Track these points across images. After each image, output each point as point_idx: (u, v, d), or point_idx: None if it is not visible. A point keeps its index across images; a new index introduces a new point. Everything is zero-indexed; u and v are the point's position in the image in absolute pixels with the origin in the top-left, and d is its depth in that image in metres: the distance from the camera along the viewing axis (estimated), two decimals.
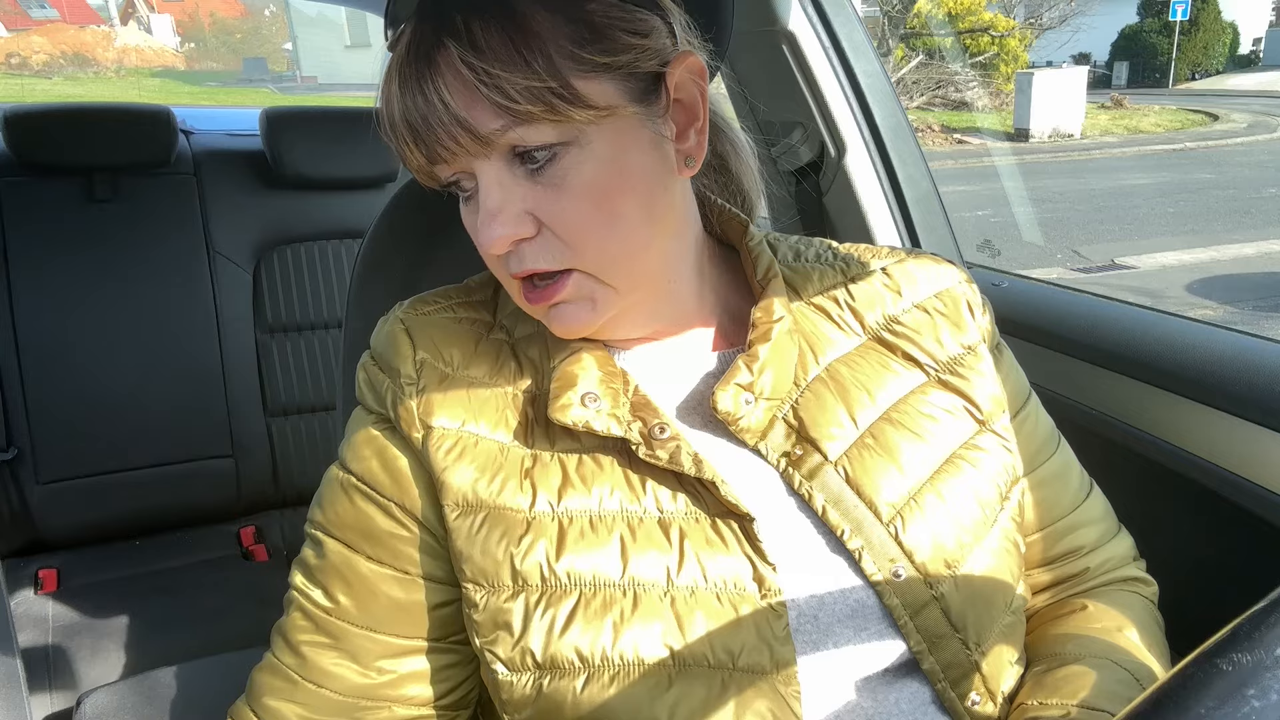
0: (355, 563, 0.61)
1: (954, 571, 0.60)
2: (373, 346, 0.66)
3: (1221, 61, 21.04)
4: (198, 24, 30.40)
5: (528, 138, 0.53)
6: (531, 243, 0.56)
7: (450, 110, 0.53)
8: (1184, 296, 5.51)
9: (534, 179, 0.55)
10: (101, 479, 1.74)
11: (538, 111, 0.52)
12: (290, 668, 0.62)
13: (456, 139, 0.53)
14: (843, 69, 1.21)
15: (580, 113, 0.53)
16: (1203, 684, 0.28)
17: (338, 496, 0.63)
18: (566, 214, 0.55)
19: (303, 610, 0.63)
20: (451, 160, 0.55)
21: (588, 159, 0.55)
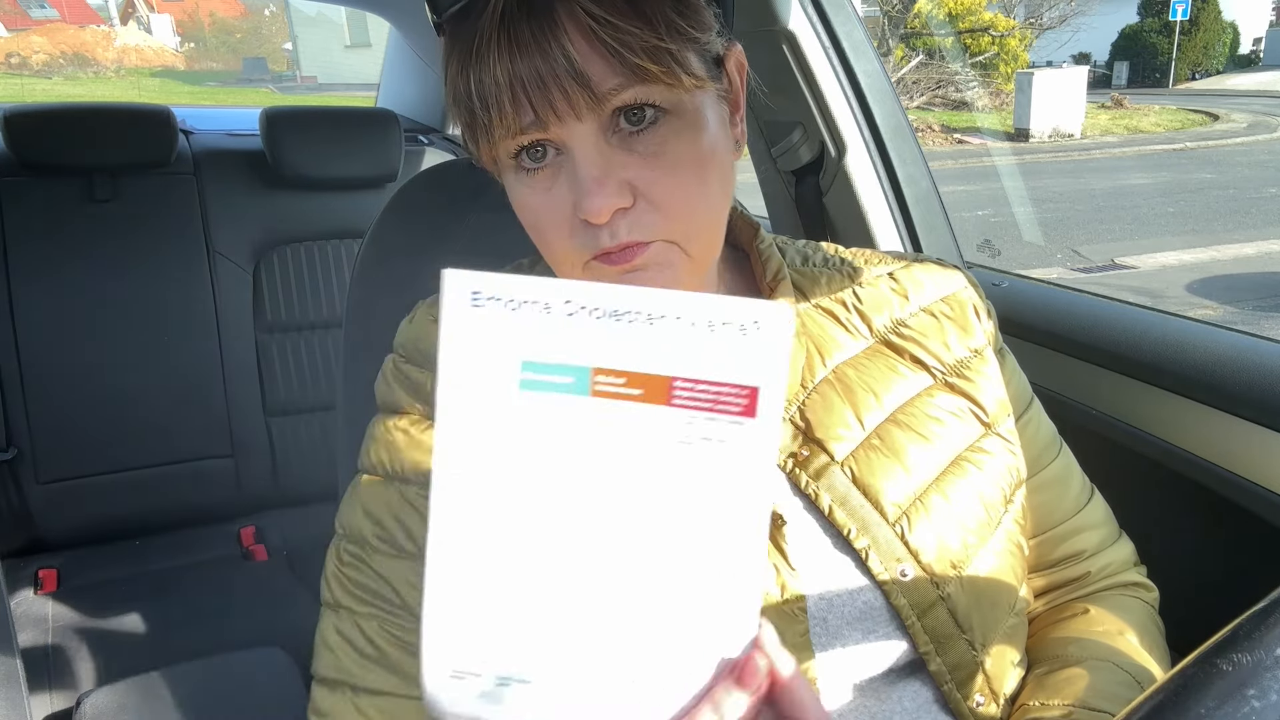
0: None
1: (960, 572, 0.60)
2: (402, 342, 0.65)
3: (1222, 61, 21.05)
4: (197, 24, 30.41)
5: (639, 98, 0.53)
6: (627, 214, 0.54)
7: (573, 65, 0.51)
8: (1184, 296, 5.51)
9: (629, 148, 0.54)
10: (101, 479, 1.74)
11: (657, 71, 0.52)
12: (378, 686, 0.59)
13: (570, 97, 0.51)
14: (843, 69, 1.21)
15: (688, 79, 0.53)
16: (1203, 684, 0.28)
17: (401, 513, 0.60)
18: (665, 182, 0.54)
19: (353, 641, 0.59)
20: (552, 124, 0.53)
21: (685, 128, 0.55)
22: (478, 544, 0.43)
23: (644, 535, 0.43)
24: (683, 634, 0.43)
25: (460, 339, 0.42)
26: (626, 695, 0.44)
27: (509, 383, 0.42)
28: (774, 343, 0.41)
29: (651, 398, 0.42)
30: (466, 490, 0.43)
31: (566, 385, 0.42)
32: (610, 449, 0.42)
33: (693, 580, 0.43)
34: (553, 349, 0.42)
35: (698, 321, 0.41)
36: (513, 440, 0.42)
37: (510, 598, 0.43)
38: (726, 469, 0.42)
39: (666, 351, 0.41)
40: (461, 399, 0.42)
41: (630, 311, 0.41)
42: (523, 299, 0.41)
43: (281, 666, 1.10)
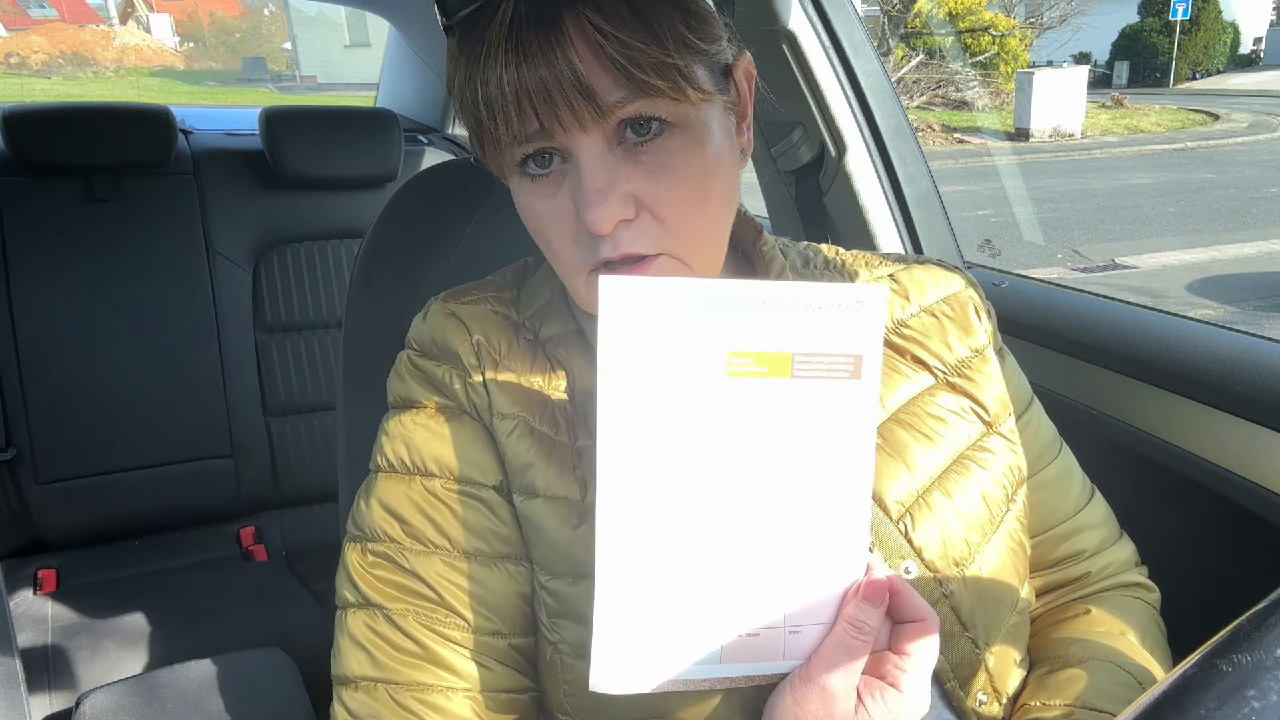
0: (455, 570, 0.59)
1: (963, 571, 0.60)
2: (417, 338, 0.65)
3: (1222, 61, 21.04)
4: (197, 23, 30.41)
5: (644, 111, 0.53)
6: (630, 225, 0.55)
7: (579, 78, 0.51)
8: (1184, 296, 5.50)
9: (634, 159, 0.54)
10: (101, 479, 1.74)
11: (663, 86, 0.52)
12: (406, 678, 0.58)
13: (575, 108, 0.52)
14: (843, 68, 1.21)
15: (694, 93, 0.54)
16: (1203, 684, 0.28)
17: (427, 508, 0.60)
18: (669, 196, 0.55)
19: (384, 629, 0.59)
20: (556, 134, 0.53)
21: (690, 141, 0.55)
22: (642, 524, 0.50)
23: (781, 490, 0.50)
24: (812, 572, 0.51)
25: (616, 339, 0.48)
26: (772, 636, 0.51)
27: (656, 375, 0.49)
28: (874, 317, 0.49)
29: (776, 372, 0.49)
30: (629, 473, 0.49)
31: (704, 370, 0.49)
32: (746, 420, 0.49)
33: (821, 522, 0.51)
34: (692, 340, 0.49)
35: (812, 305, 0.49)
36: (668, 424, 0.49)
37: (673, 566, 0.50)
38: (841, 423, 0.50)
39: (786, 333, 0.49)
40: (619, 399, 0.49)
41: (756, 301, 0.49)
42: (667, 297, 0.48)
43: (281, 666, 1.10)
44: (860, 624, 0.50)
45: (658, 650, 0.50)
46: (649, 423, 0.49)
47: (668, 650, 0.50)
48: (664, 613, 0.50)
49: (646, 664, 0.50)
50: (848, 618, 0.50)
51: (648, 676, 0.51)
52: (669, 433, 0.49)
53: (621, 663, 0.50)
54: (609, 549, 0.49)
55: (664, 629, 0.50)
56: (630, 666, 0.50)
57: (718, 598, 0.50)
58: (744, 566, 0.50)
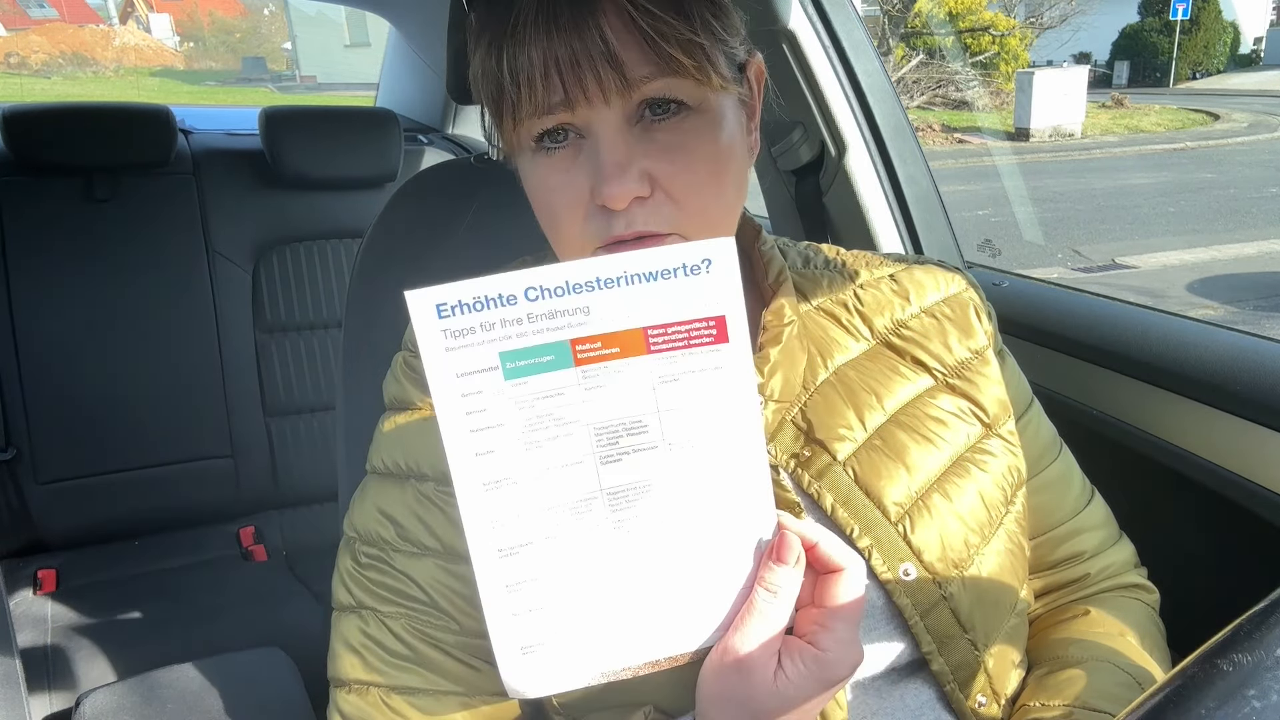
0: (444, 575, 0.59)
1: (962, 572, 0.60)
2: (412, 340, 0.65)
3: (1222, 61, 21.03)
4: (197, 23, 30.41)
5: (664, 94, 0.54)
6: (644, 203, 0.55)
7: (609, 49, 0.52)
8: (1185, 296, 5.50)
9: (651, 138, 0.54)
10: (101, 479, 1.74)
11: (688, 65, 0.53)
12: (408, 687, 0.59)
13: (602, 79, 0.52)
14: (843, 68, 1.21)
15: (716, 78, 0.54)
16: (1203, 684, 0.28)
17: (424, 512, 0.60)
18: (684, 176, 0.55)
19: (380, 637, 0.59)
20: (579, 105, 0.53)
21: (707, 125, 0.55)
22: (512, 530, 0.47)
23: (660, 471, 0.48)
24: (718, 543, 0.49)
25: (437, 353, 0.45)
26: (686, 613, 0.49)
27: (494, 377, 0.46)
28: (727, 273, 0.46)
29: (631, 351, 0.46)
30: (486, 486, 0.47)
31: (550, 363, 0.46)
32: (607, 406, 0.47)
33: (713, 493, 0.48)
34: (527, 335, 0.45)
35: (653, 274, 0.45)
36: (516, 427, 0.46)
37: (557, 565, 0.48)
38: (716, 390, 0.47)
39: (633, 308, 0.46)
40: (455, 407, 0.46)
41: (589, 281, 0.45)
42: (487, 297, 0.45)
43: (281, 666, 1.09)
44: (773, 586, 0.48)
45: (566, 647, 0.49)
46: (499, 426, 0.46)
47: (577, 645, 0.48)
48: (563, 609, 0.48)
49: (557, 662, 0.49)
50: (760, 582, 0.48)
51: (562, 675, 0.49)
52: (526, 435, 0.46)
53: (530, 665, 0.49)
54: (483, 557, 0.47)
55: (567, 625, 0.48)
56: (540, 667, 0.49)
57: (620, 586, 0.48)
58: (642, 551, 0.48)
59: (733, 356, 0.47)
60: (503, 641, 0.48)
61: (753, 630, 0.47)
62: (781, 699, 0.47)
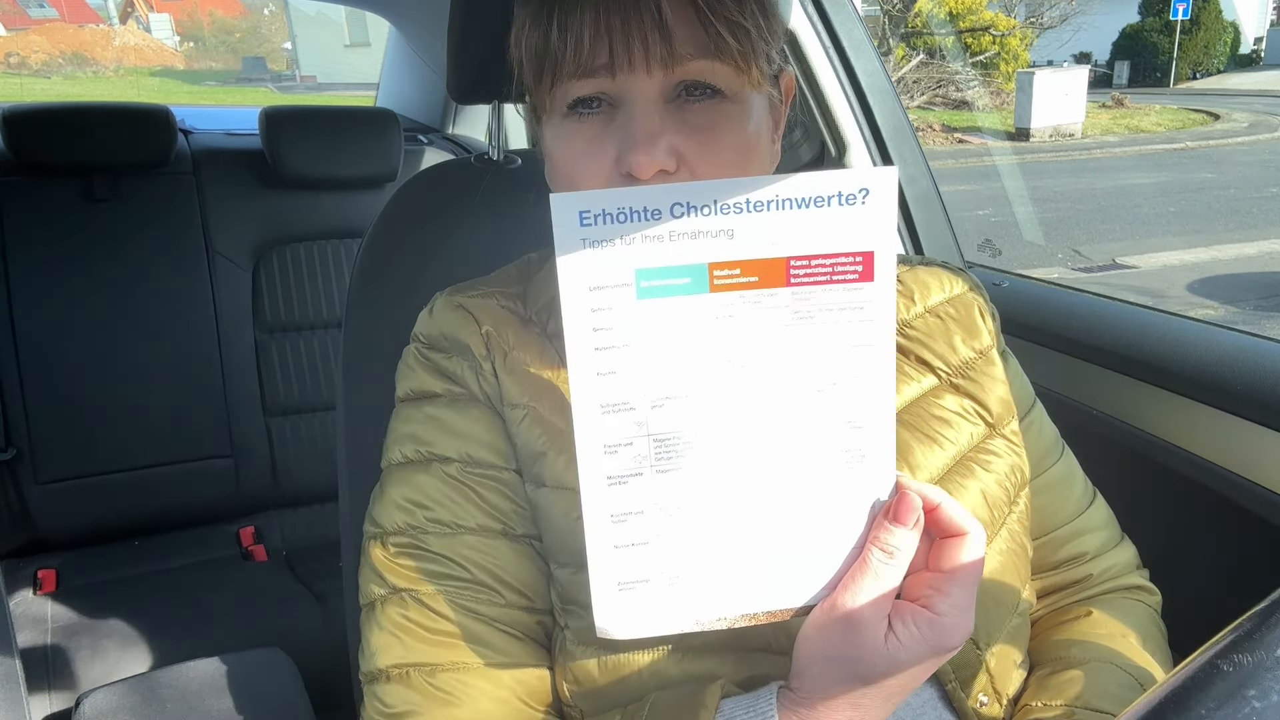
0: (491, 547, 0.59)
1: None
2: (425, 332, 0.65)
3: (1223, 61, 21.03)
4: (196, 23, 30.41)
5: (704, 75, 0.54)
6: (668, 179, 0.55)
7: (662, 18, 0.53)
8: (1185, 296, 5.50)
9: (683, 117, 0.55)
10: (101, 479, 1.74)
11: (734, 48, 0.54)
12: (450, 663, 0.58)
13: (649, 50, 0.53)
14: (843, 68, 1.21)
15: (755, 71, 0.55)
16: (1204, 684, 0.28)
17: (453, 493, 0.60)
18: (709, 159, 0.55)
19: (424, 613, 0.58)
20: (620, 71, 0.54)
21: (739, 115, 0.56)
22: (624, 458, 0.45)
23: (783, 412, 0.45)
24: (832, 496, 0.46)
25: (574, 263, 0.43)
26: (793, 568, 0.47)
27: (627, 294, 0.44)
28: (883, 206, 0.43)
29: (770, 281, 0.44)
30: (603, 409, 0.45)
31: (684, 286, 0.44)
32: (737, 338, 0.44)
33: (835, 442, 0.46)
34: (666, 253, 0.43)
35: (806, 200, 0.43)
36: (641, 350, 0.44)
37: (666, 497, 0.46)
38: (852, 332, 0.44)
39: (778, 235, 0.43)
40: (583, 322, 0.44)
41: (737, 202, 0.43)
42: (631, 209, 0.43)
43: (281, 666, 1.09)
44: (889, 548, 0.46)
45: (665, 588, 0.46)
46: (624, 347, 0.44)
47: (677, 588, 0.46)
48: (667, 548, 0.46)
49: (653, 603, 0.46)
50: (875, 542, 0.46)
51: (655, 617, 0.47)
52: (649, 357, 0.44)
53: (624, 606, 0.46)
54: (592, 483, 0.45)
55: (669, 565, 0.46)
56: (635, 607, 0.46)
57: (727, 530, 0.46)
58: (755, 495, 0.46)
59: (875, 297, 0.44)
60: (601, 575, 0.46)
61: (865, 590, 0.46)
62: (891, 661, 0.45)
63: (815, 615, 0.47)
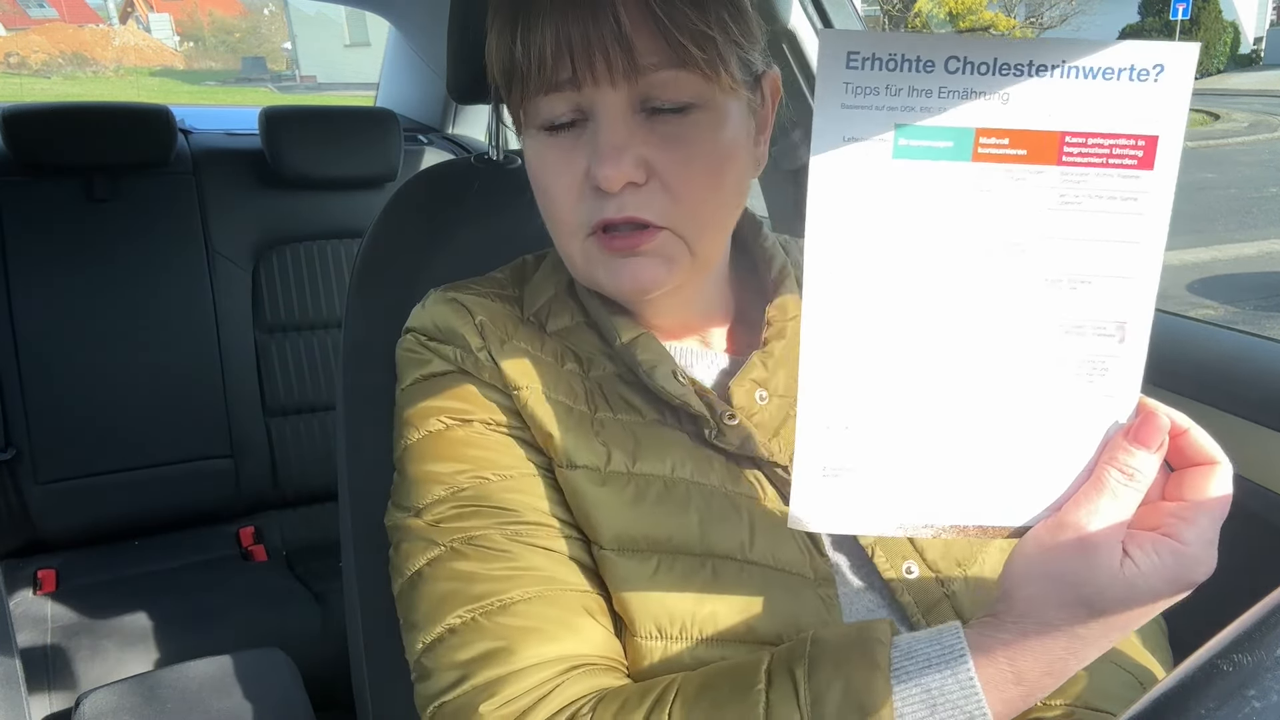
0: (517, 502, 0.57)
1: (965, 571, 0.60)
2: (420, 325, 0.65)
3: (1222, 61, 21.04)
4: (196, 23, 30.42)
5: (670, 85, 0.54)
6: (638, 190, 0.55)
7: (621, 30, 0.52)
8: (1185, 296, 5.50)
9: (653, 127, 0.55)
10: (100, 479, 1.74)
11: (698, 57, 0.53)
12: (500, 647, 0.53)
13: (610, 60, 0.53)
14: None
15: (725, 77, 0.55)
16: (1204, 684, 0.28)
17: (472, 447, 0.59)
18: (681, 169, 0.55)
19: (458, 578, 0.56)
20: (585, 84, 0.54)
21: (711, 123, 0.56)
22: (848, 331, 0.42)
23: (1027, 306, 0.41)
24: (1066, 408, 0.42)
25: (833, 107, 0.40)
26: (1016, 482, 0.43)
27: (883, 150, 0.40)
28: (1179, 87, 0.39)
29: (1039, 157, 0.40)
30: (839, 270, 0.41)
31: (946, 150, 0.40)
32: (994, 216, 0.40)
33: (1078, 349, 0.42)
34: (931, 110, 0.40)
35: (1092, 69, 0.39)
36: (889, 214, 0.41)
37: (886, 385, 0.42)
38: (1122, 225, 0.40)
39: (1056, 105, 0.39)
40: (835, 171, 0.41)
41: (1019, 64, 0.39)
42: (904, 57, 0.39)
43: (281, 666, 1.09)
44: (1130, 469, 0.42)
45: (872, 480, 0.43)
46: (869, 209, 0.40)
47: (885, 483, 0.43)
48: (881, 436, 0.42)
49: (857, 495, 0.43)
50: (1113, 462, 0.42)
51: (856, 512, 0.43)
52: (895, 223, 0.41)
53: (826, 491, 0.43)
54: (811, 354, 0.42)
55: (880, 456, 0.42)
56: (836, 496, 0.43)
57: (948, 431, 0.42)
58: (981, 396, 0.42)
59: (1154, 187, 0.40)
60: (806, 456, 0.43)
61: (1102, 510, 0.42)
62: (1128, 588, 0.42)
63: (1038, 531, 0.43)
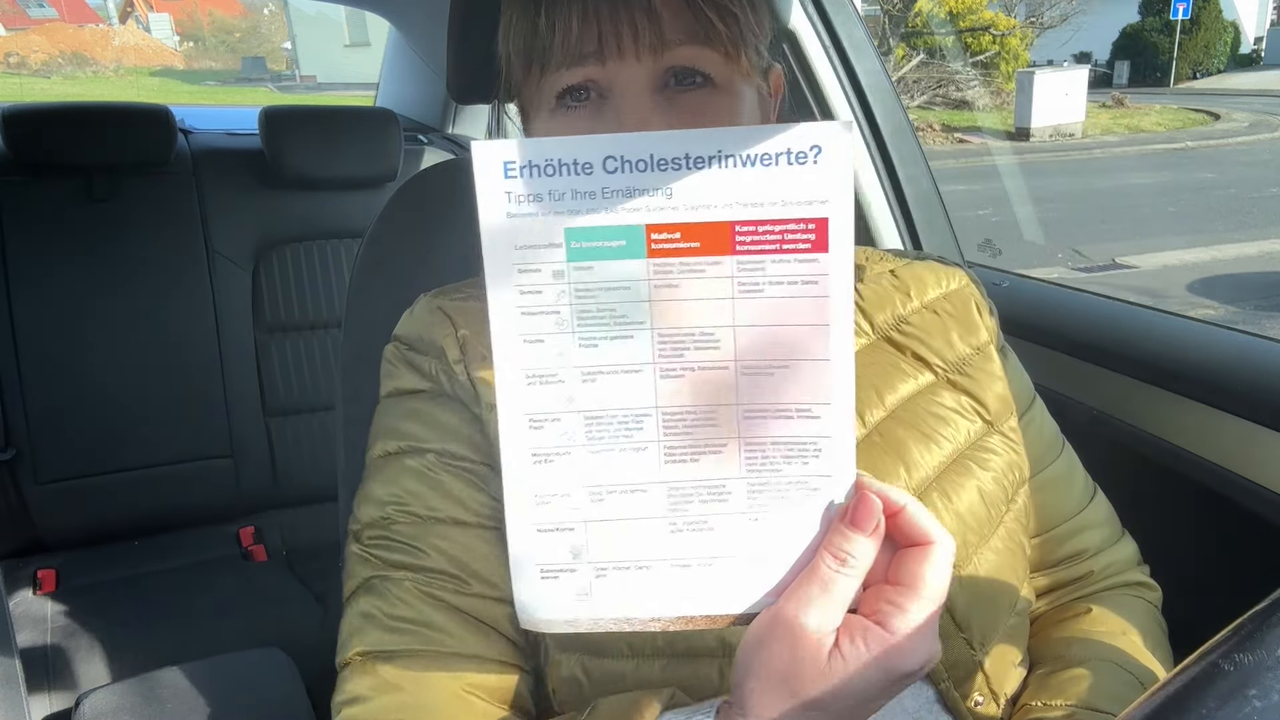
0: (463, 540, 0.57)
1: (959, 572, 0.60)
2: (404, 333, 0.65)
3: (1223, 60, 21.02)
4: (196, 23, 30.41)
5: (693, 61, 0.54)
6: None
7: (650, 3, 0.52)
8: (1185, 296, 5.50)
9: (672, 106, 0.55)
10: (101, 479, 1.74)
11: (723, 32, 0.53)
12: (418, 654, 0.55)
13: (638, 32, 0.53)
14: (843, 68, 1.21)
15: (743, 61, 0.55)
16: (1205, 684, 0.28)
17: (424, 484, 0.59)
18: None
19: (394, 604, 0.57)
20: (609, 58, 0.53)
21: (730, 105, 0.56)
22: (550, 434, 0.42)
23: (727, 398, 0.41)
24: (783, 495, 0.42)
25: (497, 217, 0.39)
26: (736, 570, 0.42)
27: (557, 255, 0.40)
28: (838, 166, 0.39)
29: (713, 249, 0.40)
30: (529, 379, 0.41)
31: (620, 249, 0.40)
32: (677, 311, 0.40)
33: (785, 435, 0.41)
34: (598, 211, 0.39)
35: (750, 157, 0.39)
36: (572, 318, 0.41)
37: (595, 484, 0.42)
38: (805, 309, 0.40)
39: (720, 195, 0.39)
40: (508, 282, 0.40)
41: (676, 158, 0.39)
42: (560, 161, 0.39)
43: (281, 666, 1.09)
44: (843, 554, 0.41)
45: (589, 581, 0.42)
46: (553, 313, 0.40)
47: (604, 581, 0.42)
48: (595, 535, 0.42)
49: (577, 598, 0.43)
50: (829, 547, 0.41)
51: (580, 611, 0.43)
52: (581, 328, 0.41)
53: (547, 592, 0.42)
54: (515, 459, 0.42)
55: (596, 555, 0.42)
56: (558, 597, 0.43)
57: (662, 524, 0.42)
58: (694, 489, 0.42)
59: (832, 269, 0.39)
60: (521, 559, 0.42)
61: (811, 599, 0.41)
62: (832, 682, 0.40)
63: (756, 624, 0.43)
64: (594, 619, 0.43)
